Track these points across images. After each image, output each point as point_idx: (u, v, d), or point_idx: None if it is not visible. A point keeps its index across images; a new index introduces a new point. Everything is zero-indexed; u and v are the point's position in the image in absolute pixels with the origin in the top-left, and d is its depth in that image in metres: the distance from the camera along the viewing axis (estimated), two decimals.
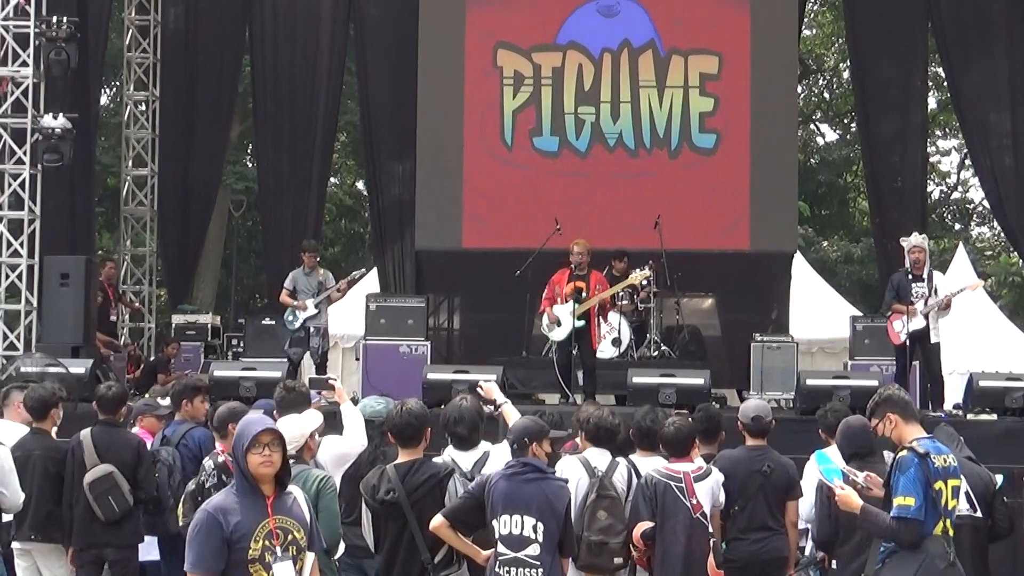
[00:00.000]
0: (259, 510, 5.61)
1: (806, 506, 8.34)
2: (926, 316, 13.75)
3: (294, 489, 5.86)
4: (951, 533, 6.65)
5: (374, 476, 7.07)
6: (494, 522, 6.85)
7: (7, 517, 8.92)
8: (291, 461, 6.03)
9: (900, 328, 13.87)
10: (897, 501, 6.50)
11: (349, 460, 7.94)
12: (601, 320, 14.63)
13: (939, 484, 6.56)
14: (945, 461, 6.67)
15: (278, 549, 5.57)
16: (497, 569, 6.83)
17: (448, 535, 6.88)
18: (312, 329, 15.62)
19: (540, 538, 6.80)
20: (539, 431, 7.08)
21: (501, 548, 6.83)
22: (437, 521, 6.78)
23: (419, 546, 6.88)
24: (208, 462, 7.96)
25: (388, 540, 7.00)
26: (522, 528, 6.79)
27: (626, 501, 7.72)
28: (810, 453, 8.67)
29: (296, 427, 7.20)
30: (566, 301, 13.87)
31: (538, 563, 6.79)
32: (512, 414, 7.80)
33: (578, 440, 8.09)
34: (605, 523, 7.44)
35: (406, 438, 7.09)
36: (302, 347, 15.63)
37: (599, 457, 7.73)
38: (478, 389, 8.42)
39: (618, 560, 7.50)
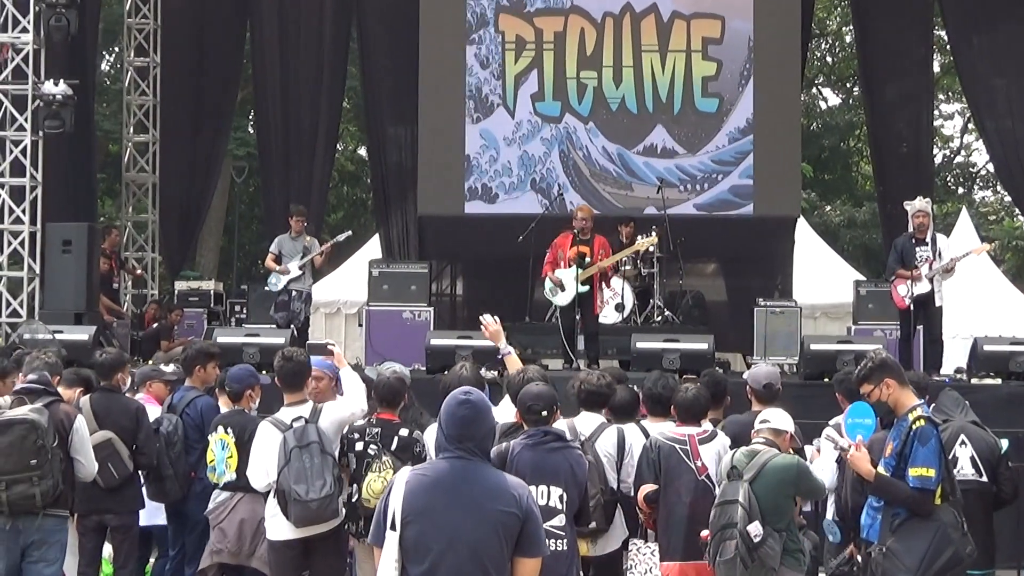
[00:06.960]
0: None
1: (828, 473, 8.09)
2: (931, 280, 13.69)
3: None
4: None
5: None
6: None
7: None
8: None
9: (905, 292, 13.77)
10: (919, 471, 6.48)
11: (348, 424, 7.92)
12: (604, 285, 14.60)
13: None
14: None
15: None
16: None
17: None
18: (294, 293, 15.54)
19: (564, 508, 6.66)
20: (554, 397, 6.91)
21: None
22: None
23: None
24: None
25: None
26: (548, 498, 6.61)
27: (619, 467, 7.69)
28: (817, 419, 8.62)
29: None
30: (569, 266, 13.85)
31: (562, 534, 6.65)
32: (515, 364, 7.76)
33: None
34: None
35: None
36: (286, 311, 15.53)
37: (587, 421, 7.70)
38: (482, 328, 8.18)
39: (591, 524, 7.27)
